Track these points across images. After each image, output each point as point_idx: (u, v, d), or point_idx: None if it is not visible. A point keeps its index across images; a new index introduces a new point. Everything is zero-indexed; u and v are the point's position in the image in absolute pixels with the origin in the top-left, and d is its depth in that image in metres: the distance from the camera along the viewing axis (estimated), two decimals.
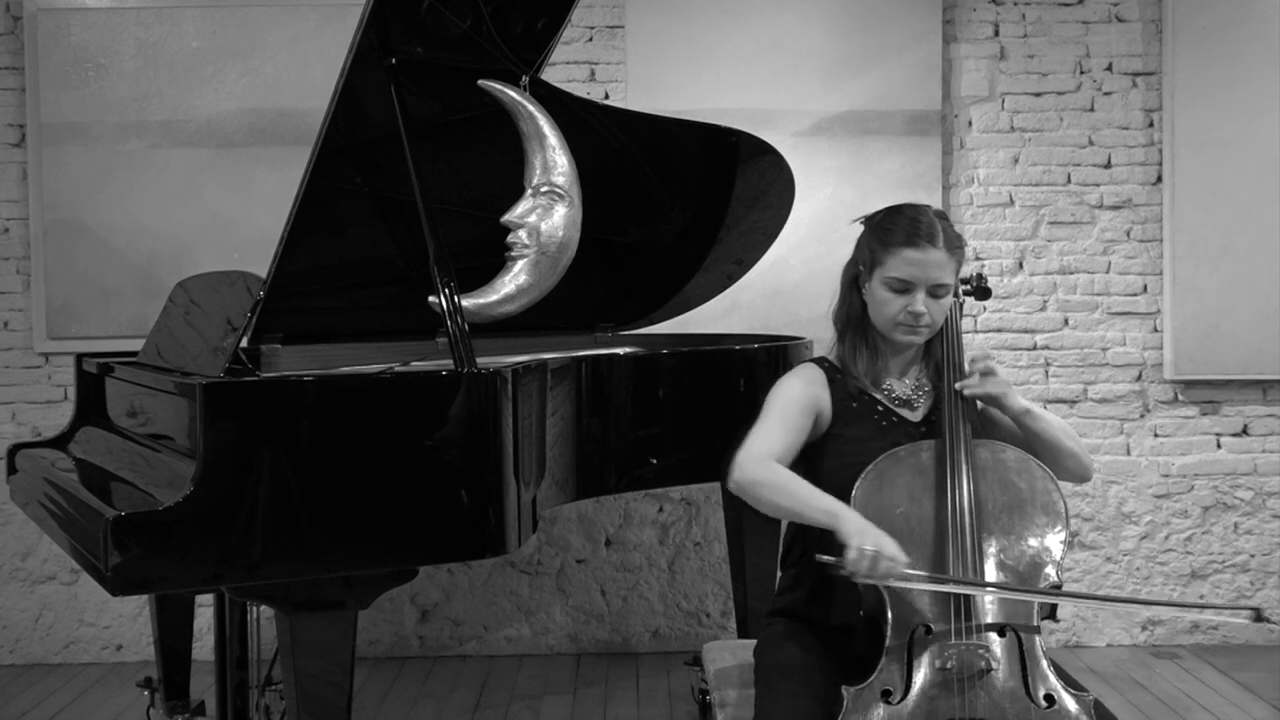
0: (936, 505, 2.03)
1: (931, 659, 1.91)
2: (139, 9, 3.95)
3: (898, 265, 2.12)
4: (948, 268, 2.13)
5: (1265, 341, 4.05)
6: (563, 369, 2.65)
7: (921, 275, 2.11)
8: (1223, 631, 4.16)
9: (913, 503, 2.04)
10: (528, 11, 2.74)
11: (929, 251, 2.10)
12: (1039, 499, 2.07)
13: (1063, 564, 2.03)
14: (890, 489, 2.05)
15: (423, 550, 2.24)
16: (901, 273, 2.12)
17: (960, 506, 2.02)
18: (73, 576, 4.06)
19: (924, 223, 2.12)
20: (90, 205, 3.96)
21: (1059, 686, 1.90)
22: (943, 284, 2.13)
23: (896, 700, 1.89)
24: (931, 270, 2.11)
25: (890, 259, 2.12)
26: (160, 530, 2.01)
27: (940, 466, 2.07)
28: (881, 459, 2.08)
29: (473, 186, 2.95)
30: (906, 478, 2.07)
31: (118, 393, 2.88)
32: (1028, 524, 2.05)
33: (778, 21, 4.02)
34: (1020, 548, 2.03)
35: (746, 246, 3.47)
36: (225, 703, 2.90)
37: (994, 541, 2.03)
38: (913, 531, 2.01)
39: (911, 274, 2.11)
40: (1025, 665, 1.91)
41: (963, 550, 1.98)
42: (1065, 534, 2.05)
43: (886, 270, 2.13)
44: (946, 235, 2.13)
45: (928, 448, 2.11)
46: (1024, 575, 2.00)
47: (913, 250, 2.10)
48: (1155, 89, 4.09)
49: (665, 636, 4.17)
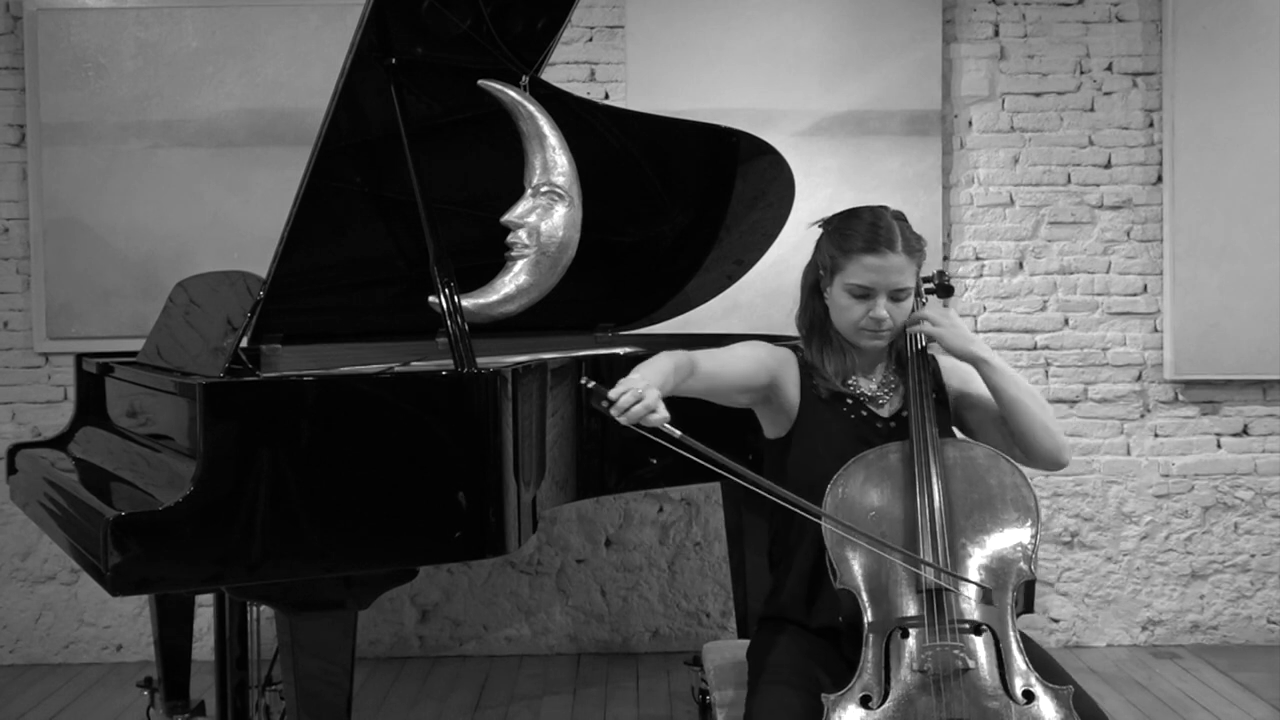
0: (906, 506, 2.05)
1: (909, 661, 1.91)
2: (139, 9, 3.95)
3: (857, 272, 2.12)
4: (908, 271, 2.13)
5: (1265, 341, 4.05)
6: (563, 369, 2.65)
7: (882, 281, 2.12)
8: (1223, 631, 4.16)
9: (884, 505, 2.05)
10: (528, 11, 2.74)
11: (888, 257, 2.10)
12: (1009, 494, 2.08)
13: (1035, 558, 2.04)
14: (861, 493, 2.07)
15: (423, 550, 2.24)
16: (861, 279, 2.12)
17: (930, 506, 2.03)
18: (73, 576, 4.06)
19: (882, 228, 2.12)
20: (90, 205, 3.96)
21: (1036, 681, 1.91)
22: (903, 288, 2.14)
23: (875, 705, 1.89)
24: (892, 275, 2.11)
25: (850, 265, 2.12)
26: (160, 530, 2.01)
27: (909, 467, 2.08)
28: (851, 463, 2.09)
29: (473, 186, 2.95)
30: (876, 481, 2.08)
31: (118, 393, 2.88)
32: (998, 520, 2.05)
33: (778, 22, 4.02)
34: (992, 544, 2.04)
35: (746, 246, 3.47)
36: (225, 703, 2.90)
37: (966, 539, 2.03)
38: (885, 534, 2.03)
39: (872, 280, 2.12)
40: (1003, 662, 1.92)
41: (935, 549, 1.99)
42: (1036, 528, 2.06)
43: (846, 276, 2.13)
44: (905, 238, 2.13)
45: (896, 449, 2.12)
46: (997, 571, 2.01)
47: (872, 256, 2.10)
48: (1155, 89, 4.09)
49: (665, 636, 4.17)
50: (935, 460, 2.07)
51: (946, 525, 2.02)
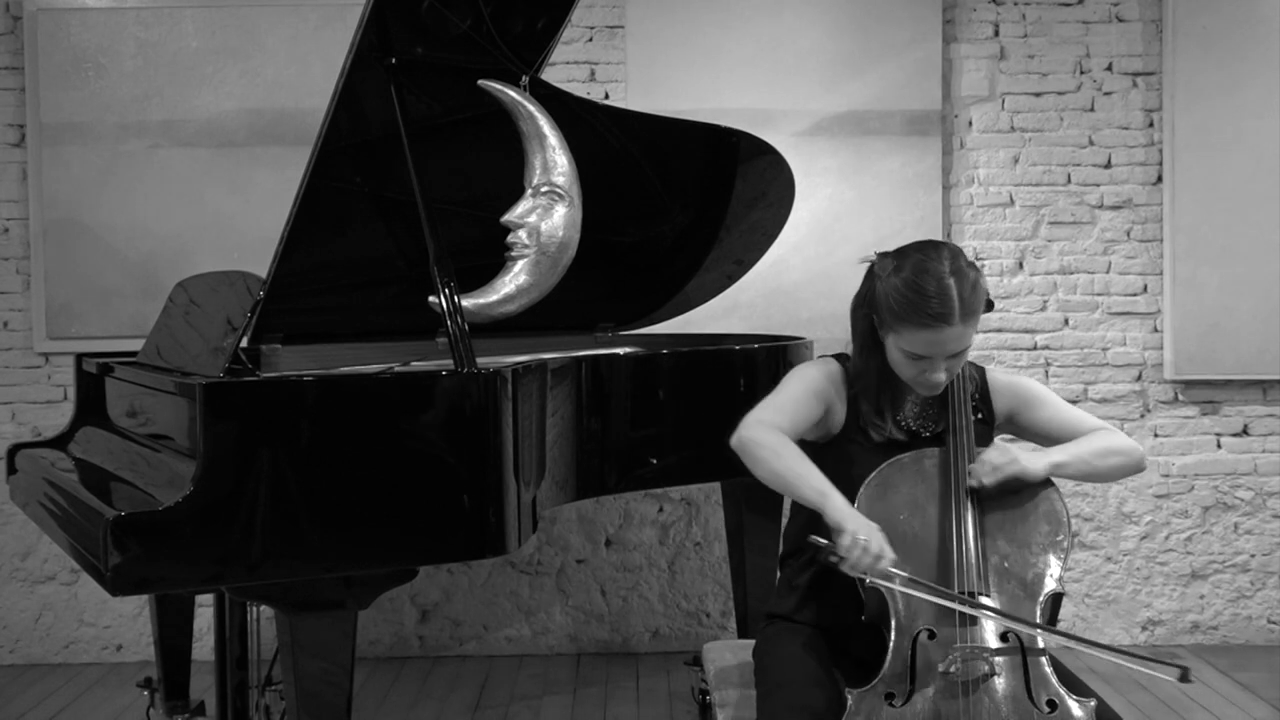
0: (940, 513, 2.03)
1: (934, 663, 1.91)
2: (139, 9, 3.95)
3: (913, 341, 2.05)
4: (966, 335, 2.05)
5: (1265, 341, 4.05)
6: (563, 369, 2.65)
7: (939, 350, 2.05)
8: (1223, 632, 4.16)
9: (916, 510, 2.04)
10: (528, 11, 2.74)
11: (944, 331, 2.02)
12: (1041, 506, 2.07)
13: (1064, 573, 2.04)
14: (894, 496, 2.05)
15: (423, 550, 2.24)
16: (917, 348, 2.05)
17: (963, 515, 2.02)
18: (73, 576, 4.06)
19: (941, 300, 2.00)
20: (90, 205, 3.96)
21: (1062, 692, 1.90)
22: (961, 350, 2.07)
23: (900, 704, 1.89)
24: (949, 345, 2.04)
25: (904, 331, 2.05)
26: (160, 530, 2.01)
27: (944, 474, 2.07)
28: (885, 466, 2.08)
29: (473, 186, 2.95)
30: (910, 485, 2.07)
31: (118, 393, 2.88)
32: (1031, 533, 2.05)
33: (778, 22, 4.02)
34: (1023, 556, 2.03)
35: (746, 246, 3.47)
36: (225, 703, 2.90)
37: (997, 550, 2.03)
38: (916, 538, 2.02)
39: (928, 350, 2.05)
40: (1028, 671, 1.91)
41: (966, 558, 1.98)
42: (1068, 541, 2.05)
43: (901, 341, 2.06)
44: (964, 305, 2.02)
45: (931, 455, 2.11)
46: (1027, 584, 2.00)
47: (928, 332, 2.02)
48: (1155, 89, 4.09)
49: (665, 636, 4.17)
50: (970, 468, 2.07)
51: (979, 534, 2.01)
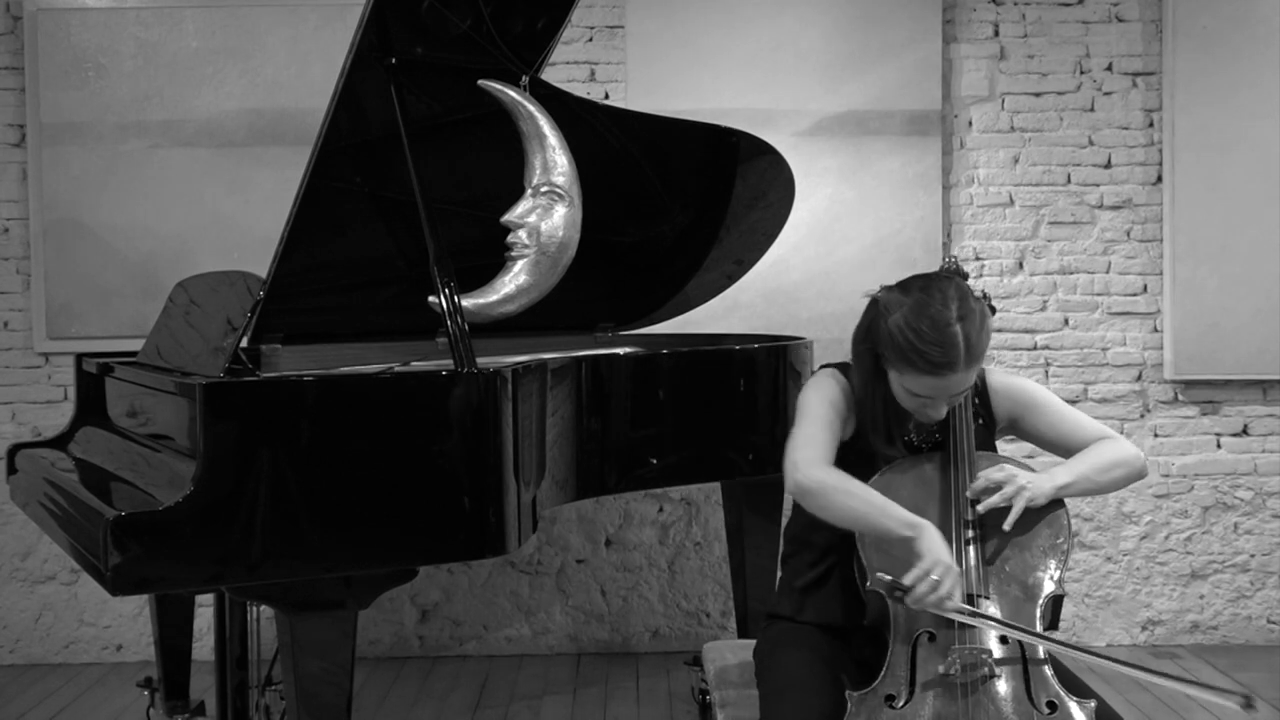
0: (940, 517, 2.04)
1: (935, 664, 1.91)
2: (139, 9, 3.95)
3: (915, 383, 2.01)
4: (970, 377, 2.02)
5: (1265, 341, 4.04)
6: (563, 369, 2.65)
7: (941, 393, 2.02)
8: (1223, 631, 4.16)
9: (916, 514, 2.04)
10: (528, 11, 2.74)
11: (948, 378, 1.99)
12: (1042, 511, 2.07)
13: (1064, 576, 2.04)
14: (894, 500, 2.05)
15: (423, 550, 2.24)
16: (919, 390, 2.02)
17: (963, 518, 2.03)
18: (73, 576, 4.06)
19: (941, 351, 1.96)
20: (90, 205, 3.96)
21: (1062, 693, 1.90)
22: (964, 390, 2.05)
23: (900, 704, 1.89)
24: (952, 388, 2.01)
25: (907, 374, 2.01)
26: (160, 530, 2.01)
27: (944, 478, 2.08)
28: (885, 470, 2.09)
29: (473, 186, 2.95)
30: (910, 489, 2.07)
31: (118, 393, 2.88)
32: (1031, 536, 2.05)
33: (778, 22, 4.02)
34: (1024, 560, 2.03)
35: (746, 246, 3.47)
36: (225, 703, 2.90)
37: (997, 553, 2.03)
38: None
39: (930, 392, 2.02)
40: (1028, 672, 1.91)
41: (966, 561, 1.99)
42: (1068, 545, 2.05)
43: (904, 381, 2.03)
44: (969, 352, 1.97)
45: (931, 459, 2.11)
46: (1028, 587, 2.01)
47: (931, 378, 1.99)
48: (1155, 89, 4.09)
49: (665, 636, 4.17)
50: (970, 472, 2.07)
51: (979, 538, 2.02)
